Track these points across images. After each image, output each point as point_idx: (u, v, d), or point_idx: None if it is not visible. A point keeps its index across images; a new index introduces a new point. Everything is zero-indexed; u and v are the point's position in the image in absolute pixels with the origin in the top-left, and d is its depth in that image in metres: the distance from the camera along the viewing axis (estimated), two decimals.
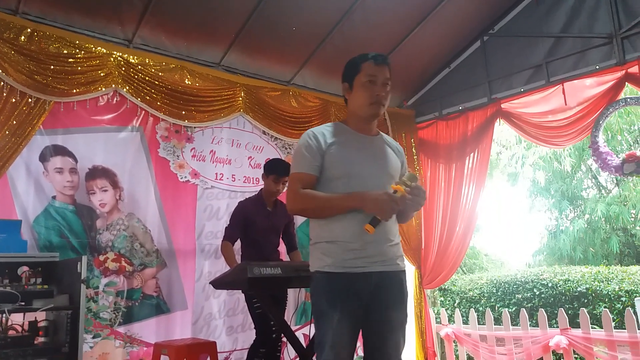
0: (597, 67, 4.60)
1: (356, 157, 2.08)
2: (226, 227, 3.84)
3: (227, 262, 3.64)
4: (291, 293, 4.24)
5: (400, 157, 2.27)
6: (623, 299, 5.22)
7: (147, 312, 3.98)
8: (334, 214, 2.00)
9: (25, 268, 3.05)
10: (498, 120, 5.33)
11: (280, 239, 4.02)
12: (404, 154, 2.32)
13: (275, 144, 4.98)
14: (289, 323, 3.38)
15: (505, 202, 16.01)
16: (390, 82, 2.16)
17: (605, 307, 5.06)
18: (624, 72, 4.40)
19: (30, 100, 3.53)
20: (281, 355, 4.01)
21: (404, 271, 2.13)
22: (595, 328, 4.51)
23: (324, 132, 2.12)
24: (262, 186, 3.92)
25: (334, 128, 2.16)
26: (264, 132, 4.86)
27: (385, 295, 2.02)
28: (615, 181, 10.32)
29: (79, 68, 3.77)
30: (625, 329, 4.21)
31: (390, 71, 2.15)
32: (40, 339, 2.90)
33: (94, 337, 3.67)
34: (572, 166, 10.22)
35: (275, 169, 3.76)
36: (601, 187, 10.82)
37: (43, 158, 3.68)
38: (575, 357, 4.57)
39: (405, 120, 5.95)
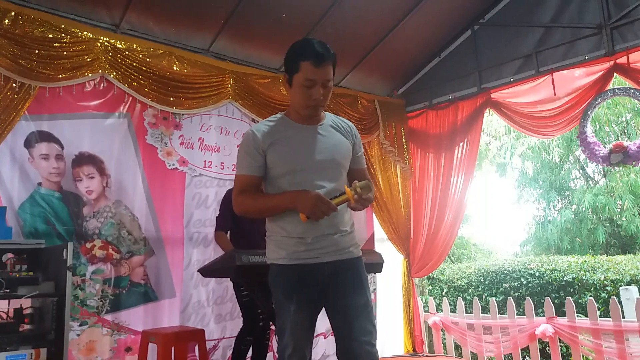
0: (587, 57, 4.62)
1: (299, 152, 2.05)
2: (217, 217, 3.81)
3: (223, 251, 3.63)
4: None
5: (352, 137, 2.19)
6: (608, 288, 5.29)
7: (135, 300, 3.96)
8: (276, 214, 2.03)
9: (10, 255, 3.01)
10: (488, 110, 5.35)
11: None
12: (355, 132, 2.23)
13: None
14: None
15: (494, 193, 16.17)
16: (332, 78, 2.05)
17: (590, 296, 5.12)
18: (612, 62, 4.43)
19: (14, 85, 3.46)
20: (270, 343, 4.02)
21: (360, 257, 2.13)
22: (580, 317, 4.57)
23: (263, 129, 2.07)
24: None
25: (275, 123, 2.11)
26: (253, 120, 4.82)
27: (342, 282, 2.04)
28: (602, 172, 10.43)
29: (65, 53, 3.70)
30: (610, 317, 4.26)
31: (334, 66, 2.04)
32: (26, 326, 2.88)
33: (80, 325, 3.64)
34: (560, 157, 10.30)
35: None
36: (588, 178, 10.93)
37: (28, 144, 3.63)
38: (560, 345, 4.63)
39: (395, 110, 5.95)
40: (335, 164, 2.09)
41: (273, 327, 3.63)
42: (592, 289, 5.35)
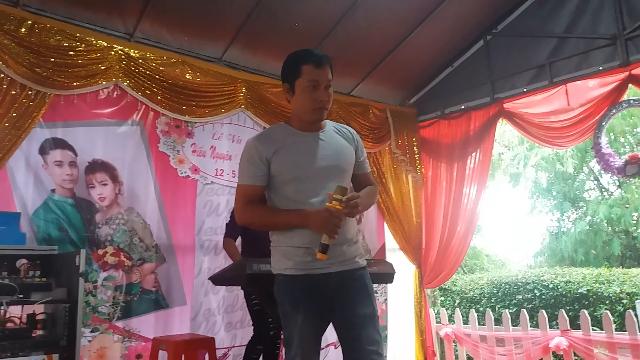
0: (601, 68, 4.58)
1: (304, 159, 2.05)
2: (227, 224, 3.82)
3: (231, 258, 3.63)
4: None
5: (353, 142, 2.20)
6: (624, 301, 5.19)
7: (146, 307, 3.97)
8: (281, 230, 2.03)
9: (23, 261, 3.03)
10: (500, 120, 5.31)
11: None
12: (357, 138, 2.24)
13: None
14: None
15: (507, 203, 16.03)
16: (332, 82, 2.08)
17: (606, 309, 5.03)
18: (627, 73, 4.39)
19: (30, 92, 3.50)
20: (280, 352, 4.00)
21: (365, 267, 2.13)
22: (595, 330, 4.49)
23: (266, 139, 2.08)
24: None
25: (278, 132, 2.12)
26: (264, 129, 4.83)
27: (348, 293, 2.04)
28: (617, 183, 10.29)
29: (80, 61, 3.75)
30: (626, 331, 4.18)
31: (332, 70, 2.08)
32: (38, 332, 2.89)
33: (92, 331, 3.66)
34: (575, 167, 10.19)
35: None
36: (603, 189, 10.79)
37: (43, 151, 3.67)
38: (575, 359, 4.55)
39: (407, 119, 5.93)
40: (339, 170, 2.09)
41: (282, 336, 3.61)
42: (607, 302, 5.27)
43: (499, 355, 5.03)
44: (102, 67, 3.85)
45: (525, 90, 5.10)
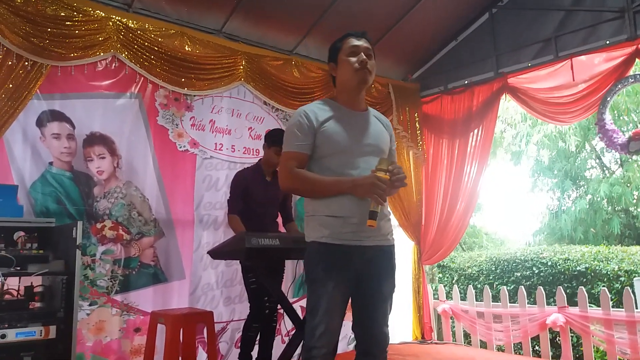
0: (608, 42, 4.50)
1: (347, 134, 2.13)
2: (228, 200, 3.79)
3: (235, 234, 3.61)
4: (289, 265, 4.23)
5: (389, 130, 2.34)
6: (622, 278, 5.20)
7: (145, 281, 3.97)
8: (325, 196, 2.07)
9: (21, 233, 3.02)
10: (504, 95, 5.24)
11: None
12: (391, 127, 2.40)
13: (277, 115, 4.90)
14: (286, 295, 3.37)
15: (508, 181, 16.00)
16: (373, 55, 2.22)
17: (603, 286, 5.04)
18: (634, 47, 4.31)
19: (27, 63, 3.44)
20: (278, 326, 4.02)
21: (394, 245, 2.23)
22: (592, 307, 4.51)
23: (315, 110, 2.16)
24: (261, 157, 3.86)
25: (324, 105, 2.20)
26: (265, 103, 4.78)
27: (377, 268, 2.12)
28: (619, 162, 10.24)
29: (77, 32, 3.68)
30: (622, 308, 4.20)
31: (372, 45, 2.23)
32: (36, 304, 2.89)
33: (90, 305, 3.67)
34: (577, 145, 10.12)
35: (279, 141, 3.68)
36: (605, 168, 10.74)
37: (40, 123, 3.62)
38: (571, 336, 4.58)
39: (410, 94, 5.86)
40: (379, 150, 2.19)
41: (281, 311, 3.62)
42: (605, 280, 5.27)
43: (495, 331, 5.06)
44: (100, 38, 3.79)
45: (530, 64, 5.02)
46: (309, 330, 2.02)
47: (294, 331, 3.73)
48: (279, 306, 3.63)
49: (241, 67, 4.51)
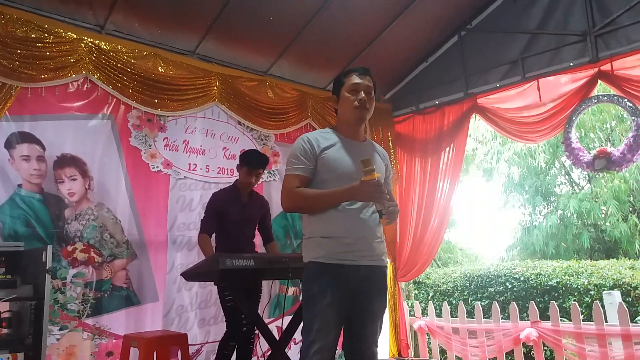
0: (571, 64, 4.66)
1: (346, 161, 2.25)
2: (202, 220, 3.78)
3: (205, 255, 3.59)
4: (265, 285, 4.21)
5: (385, 161, 2.46)
6: (592, 292, 5.32)
7: (117, 304, 3.91)
8: (328, 208, 2.18)
9: None
10: (474, 115, 5.37)
11: (256, 231, 3.98)
12: (388, 158, 2.52)
13: (251, 135, 4.92)
14: (262, 315, 3.35)
15: (481, 197, 16.24)
16: (374, 91, 2.36)
17: (574, 300, 5.15)
18: (596, 69, 4.47)
19: None
20: (254, 348, 3.98)
21: (387, 266, 2.34)
22: (564, 321, 4.59)
23: (317, 137, 2.30)
24: (237, 177, 3.87)
25: (326, 134, 2.35)
26: (239, 123, 4.80)
27: (370, 287, 2.22)
28: (587, 178, 10.51)
29: (48, 53, 3.66)
30: (593, 321, 4.29)
31: (373, 81, 2.36)
32: (3, 330, 2.82)
33: (60, 329, 3.58)
34: (546, 162, 10.36)
35: (248, 161, 3.71)
36: (574, 184, 11.01)
37: (9, 145, 3.57)
38: (544, 349, 4.64)
39: (382, 114, 5.95)
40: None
41: (257, 332, 3.59)
42: (576, 294, 5.38)
43: (471, 347, 5.10)
44: (72, 60, 3.77)
45: (498, 85, 5.16)
46: (304, 348, 2.11)
47: (269, 352, 3.70)
48: (255, 328, 3.61)
49: (215, 87, 4.52)
